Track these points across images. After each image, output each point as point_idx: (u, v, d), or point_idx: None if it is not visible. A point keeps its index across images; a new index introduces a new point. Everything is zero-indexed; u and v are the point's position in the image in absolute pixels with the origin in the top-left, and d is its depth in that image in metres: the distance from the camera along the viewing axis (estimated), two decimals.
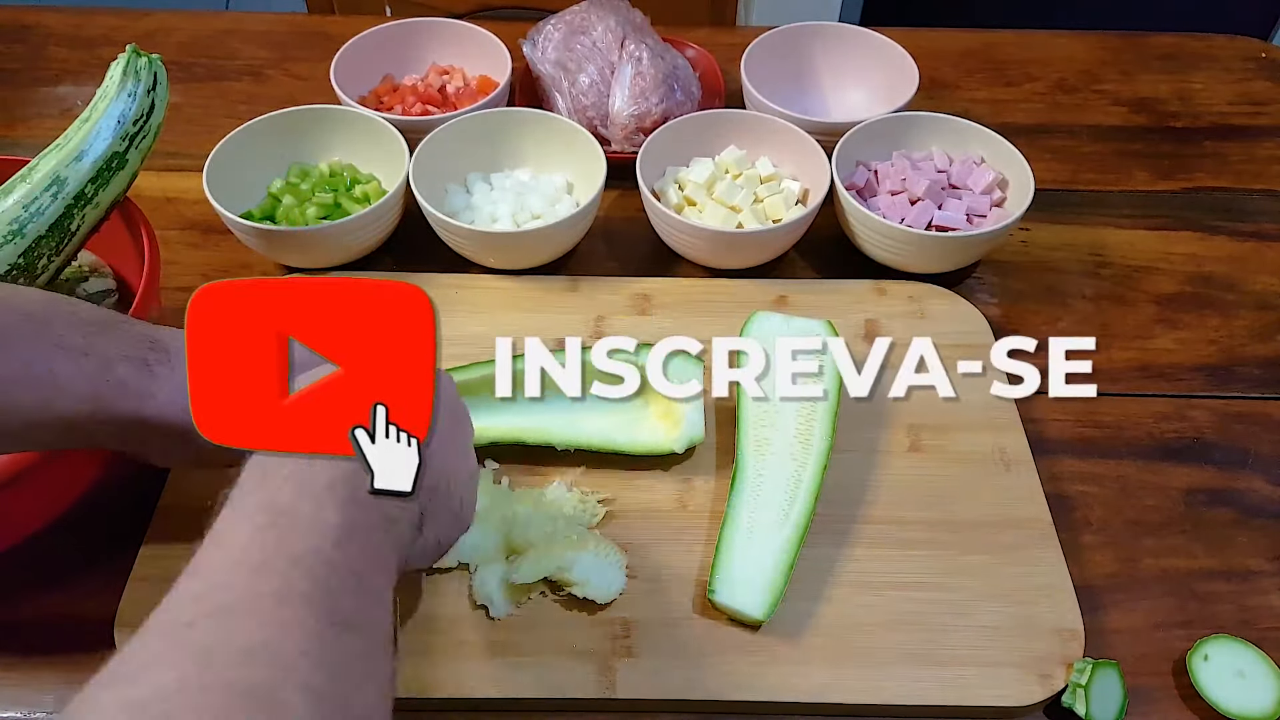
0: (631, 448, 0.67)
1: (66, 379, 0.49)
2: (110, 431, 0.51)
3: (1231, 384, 0.77)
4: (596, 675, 0.58)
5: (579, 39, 0.92)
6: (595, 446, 0.67)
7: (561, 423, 0.67)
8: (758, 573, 0.61)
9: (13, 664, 0.60)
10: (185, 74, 1.02)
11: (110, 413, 0.50)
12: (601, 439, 0.67)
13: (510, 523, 0.63)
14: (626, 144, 0.89)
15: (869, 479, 0.68)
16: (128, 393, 0.50)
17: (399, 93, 0.94)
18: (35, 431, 0.50)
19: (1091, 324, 0.81)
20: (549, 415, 0.67)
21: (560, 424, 0.67)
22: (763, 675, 0.59)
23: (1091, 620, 0.61)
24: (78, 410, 0.49)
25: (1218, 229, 0.89)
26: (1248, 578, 0.65)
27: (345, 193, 0.82)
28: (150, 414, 0.50)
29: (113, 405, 0.50)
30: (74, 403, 0.49)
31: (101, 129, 0.66)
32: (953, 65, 1.05)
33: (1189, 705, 0.59)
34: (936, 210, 0.81)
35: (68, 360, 0.49)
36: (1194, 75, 1.05)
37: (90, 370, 0.49)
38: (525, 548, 0.62)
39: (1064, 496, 0.69)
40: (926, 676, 0.59)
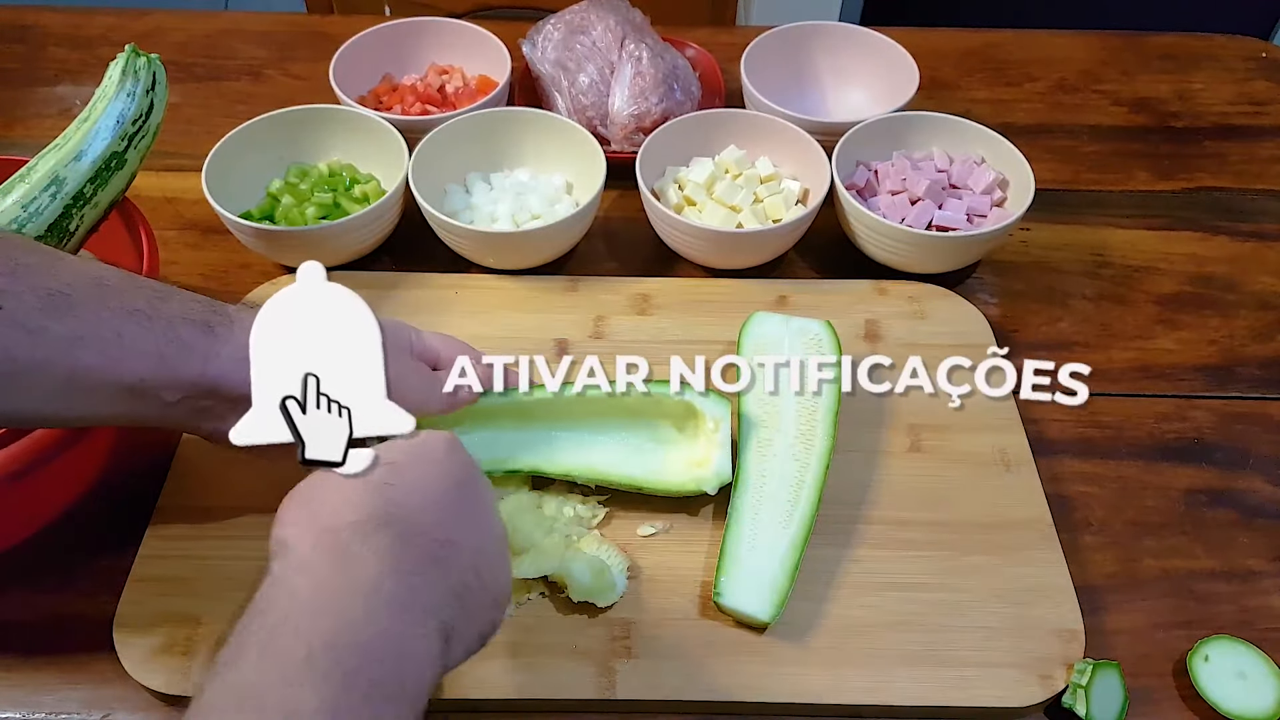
0: (652, 486, 0.64)
1: (132, 340, 0.50)
2: (174, 398, 0.52)
3: (1232, 384, 0.77)
4: (596, 676, 0.58)
5: (579, 39, 0.92)
6: (613, 481, 0.64)
7: (583, 456, 0.65)
8: (763, 575, 0.60)
9: (13, 664, 0.60)
10: (184, 74, 1.02)
11: (174, 374, 0.51)
12: (621, 475, 0.64)
13: (509, 522, 0.63)
14: (626, 144, 0.89)
15: (870, 479, 0.68)
16: (191, 354, 0.51)
17: (398, 92, 0.94)
18: (102, 395, 0.50)
19: (1092, 324, 0.81)
20: (572, 446, 0.65)
21: (581, 457, 0.65)
22: (763, 676, 0.59)
23: (1092, 621, 0.61)
24: (143, 372, 0.50)
25: (1218, 229, 0.89)
26: (1248, 578, 0.65)
27: (344, 193, 0.82)
28: (213, 374, 0.52)
29: (176, 367, 0.51)
30: (139, 363, 0.50)
31: (100, 129, 0.66)
32: (953, 65, 1.05)
33: (1189, 706, 0.59)
34: (937, 210, 0.81)
35: (134, 323, 0.50)
36: (1194, 75, 1.05)
37: (156, 332, 0.51)
38: (526, 547, 0.62)
39: (1064, 497, 0.69)
40: (927, 677, 0.59)
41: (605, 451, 0.65)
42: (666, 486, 0.64)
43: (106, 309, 0.50)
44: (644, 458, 0.65)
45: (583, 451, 0.65)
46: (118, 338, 0.50)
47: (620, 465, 0.64)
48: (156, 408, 0.52)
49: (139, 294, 0.52)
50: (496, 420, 0.65)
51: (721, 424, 0.64)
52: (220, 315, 0.53)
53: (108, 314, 0.50)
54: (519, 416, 0.65)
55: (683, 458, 0.66)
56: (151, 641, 0.59)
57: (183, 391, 0.52)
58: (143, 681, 0.58)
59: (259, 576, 0.43)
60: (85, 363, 0.49)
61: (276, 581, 0.42)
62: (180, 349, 0.51)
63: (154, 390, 0.51)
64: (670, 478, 0.64)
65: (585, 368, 0.59)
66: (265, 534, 0.63)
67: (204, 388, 0.52)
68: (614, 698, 0.58)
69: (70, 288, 0.50)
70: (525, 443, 0.65)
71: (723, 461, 0.63)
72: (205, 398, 0.53)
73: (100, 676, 0.59)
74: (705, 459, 0.64)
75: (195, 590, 0.61)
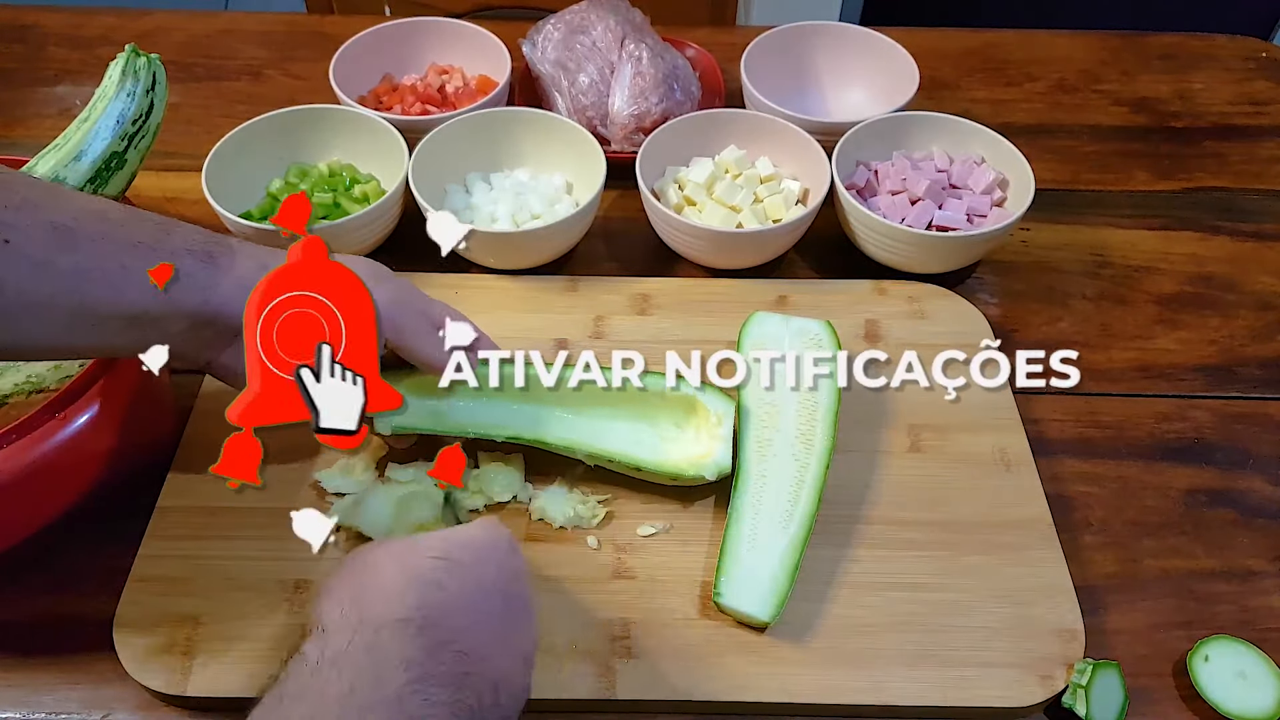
0: (654, 467, 0.64)
1: (136, 273, 0.51)
2: (178, 327, 0.53)
3: (1232, 384, 0.77)
4: (596, 676, 0.58)
5: (578, 39, 0.92)
6: (615, 459, 0.64)
7: (586, 432, 0.65)
8: (763, 575, 0.60)
9: (12, 664, 0.60)
10: (184, 74, 1.02)
11: (178, 304, 0.52)
12: (623, 454, 0.64)
13: (405, 502, 0.63)
14: (626, 144, 0.89)
15: (870, 479, 0.68)
16: (194, 284, 0.52)
17: (398, 92, 0.94)
18: (109, 327, 0.51)
19: (1092, 324, 0.81)
20: (575, 423, 0.65)
21: (585, 433, 0.64)
22: (763, 676, 0.59)
23: (1092, 621, 0.61)
24: (147, 303, 0.51)
25: (1218, 229, 0.89)
26: (1248, 578, 0.65)
27: (344, 193, 0.82)
28: (216, 304, 0.53)
29: (180, 296, 0.52)
30: (142, 294, 0.51)
31: (100, 129, 0.66)
32: (953, 65, 1.05)
33: (1189, 706, 0.59)
34: (937, 210, 0.81)
35: (138, 255, 0.51)
36: (1194, 75, 1.05)
37: (159, 263, 0.51)
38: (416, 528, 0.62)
39: (1065, 497, 0.69)
40: (927, 677, 0.58)
41: (607, 434, 0.65)
42: (666, 469, 0.63)
43: (111, 242, 0.51)
44: (644, 442, 0.65)
45: (584, 430, 0.65)
46: (122, 270, 0.51)
47: (621, 446, 0.64)
48: (159, 337, 0.52)
49: (142, 227, 0.53)
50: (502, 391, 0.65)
51: (725, 419, 0.65)
52: (222, 246, 0.55)
53: (112, 247, 0.51)
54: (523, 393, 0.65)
55: (683, 450, 0.65)
56: (151, 641, 0.59)
57: (186, 321, 0.53)
58: (142, 681, 0.58)
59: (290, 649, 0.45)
60: (92, 295, 0.50)
61: (310, 668, 0.43)
62: (182, 279, 0.52)
63: (158, 320, 0.52)
64: (668, 464, 0.64)
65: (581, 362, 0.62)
66: (265, 534, 0.63)
67: (205, 317, 0.53)
68: (614, 698, 0.58)
69: (75, 221, 0.50)
70: (528, 415, 0.65)
71: (724, 453, 0.64)
72: (206, 327, 0.54)
73: (100, 676, 0.59)
74: (707, 451, 0.64)
75: (195, 590, 0.61)
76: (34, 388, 0.65)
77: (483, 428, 0.63)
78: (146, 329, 0.52)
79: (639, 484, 0.67)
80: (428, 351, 0.59)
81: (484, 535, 0.50)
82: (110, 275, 0.50)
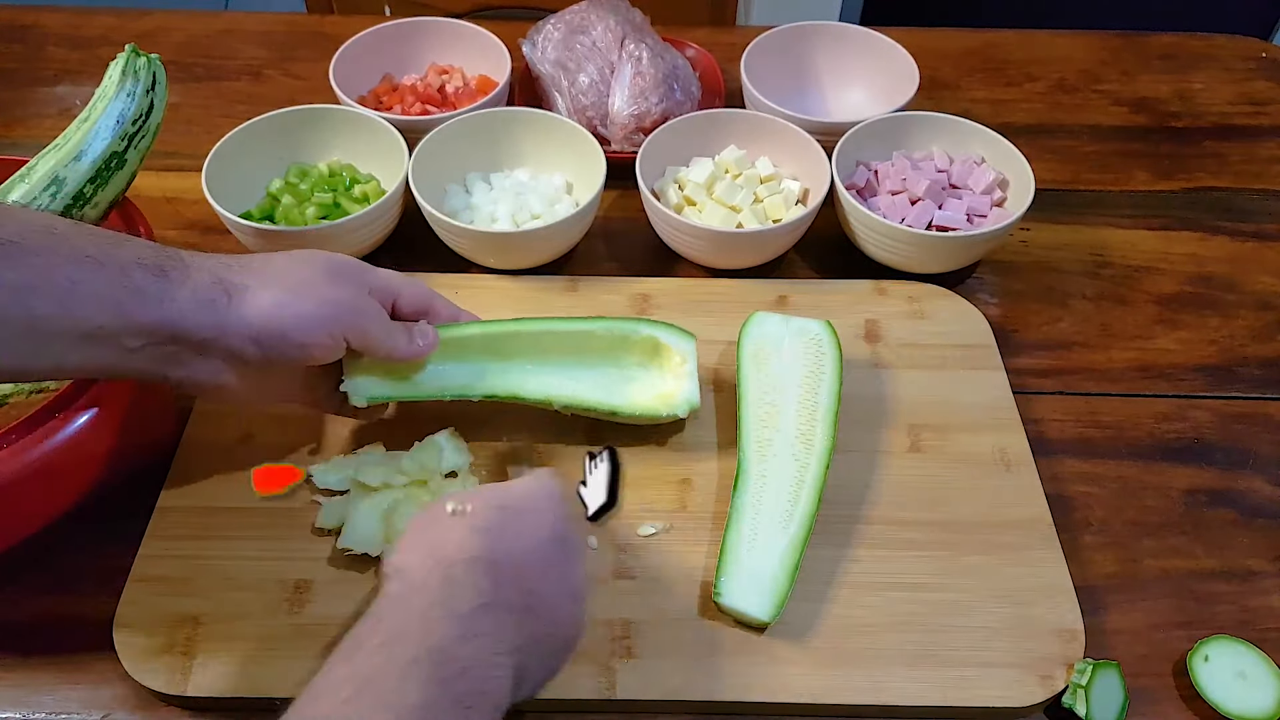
0: (628, 410, 0.66)
1: (85, 287, 0.50)
2: (135, 344, 0.52)
3: (1232, 384, 0.77)
4: (596, 676, 0.58)
5: (578, 39, 0.92)
6: (590, 406, 0.66)
7: (558, 382, 0.66)
8: (763, 575, 0.60)
9: (12, 664, 0.60)
10: (184, 74, 1.02)
11: (131, 319, 0.51)
12: (597, 400, 0.66)
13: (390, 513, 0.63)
14: (626, 144, 0.89)
15: (870, 479, 0.68)
16: (146, 298, 0.51)
17: (398, 92, 0.94)
18: (62, 344, 0.51)
19: (1092, 324, 0.81)
20: (547, 375, 0.67)
21: (557, 384, 0.66)
22: (763, 676, 0.59)
23: (1092, 621, 0.61)
24: (100, 319, 0.51)
25: (1218, 229, 0.89)
26: (1248, 578, 0.65)
27: (344, 193, 0.82)
28: (171, 318, 0.52)
29: (132, 311, 0.51)
30: (94, 309, 0.50)
31: (100, 129, 0.66)
32: (953, 65, 1.05)
33: (1190, 706, 0.59)
34: (937, 210, 0.81)
35: (86, 270, 0.50)
36: (1194, 75, 1.05)
37: (108, 277, 0.51)
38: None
39: (1065, 497, 0.69)
40: (927, 677, 0.58)
41: (578, 382, 0.67)
42: (638, 411, 0.66)
43: (57, 256, 0.50)
44: (615, 388, 0.68)
45: (556, 380, 0.67)
46: (71, 284, 0.50)
47: (594, 393, 0.66)
48: (119, 355, 0.52)
49: (89, 241, 0.52)
50: (468, 352, 0.66)
51: (688, 356, 0.68)
52: (173, 260, 0.54)
53: (59, 261, 0.50)
54: (490, 350, 0.66)
55: (651, 390, 0.68)
56: (151, 641, 0.59)
57: (143, 338, 0.52)
58: (142, 681, 0.58)
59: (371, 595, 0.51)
60: (40, 311, 0.49)
61: (393, 598, 0.47)
62: (134, 294, 0.51)
63: (113, 337, 0.51)
64: (641, 405, 0.67)
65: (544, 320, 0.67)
66: (265, 534, 0.64)
67: (164, 333, 0.52)
68: (614, 698, 0.58)
69: (20, 236, 0.49)
70: (499, 371, 0.66)
71: (691, 389, 0.67)
72: (168, 343, 0.53)
73: (100, 676, 0.59)
74: (674, 390, 0.67)
75: (195, 590, 0.61)
76: (34, 388, 0.65)
77: (458, 389, 0.65)
78: (102, 346, 0.51)
79: (639, 484, 0.67)
80: (390, 347, 0.60)
81: (538, 486, 0.54)
82: (57, 290, 0.49)
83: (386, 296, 0.62)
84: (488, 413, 0.68)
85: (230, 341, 0.54)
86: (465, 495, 0.52)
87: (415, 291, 0.63)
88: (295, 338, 0.55)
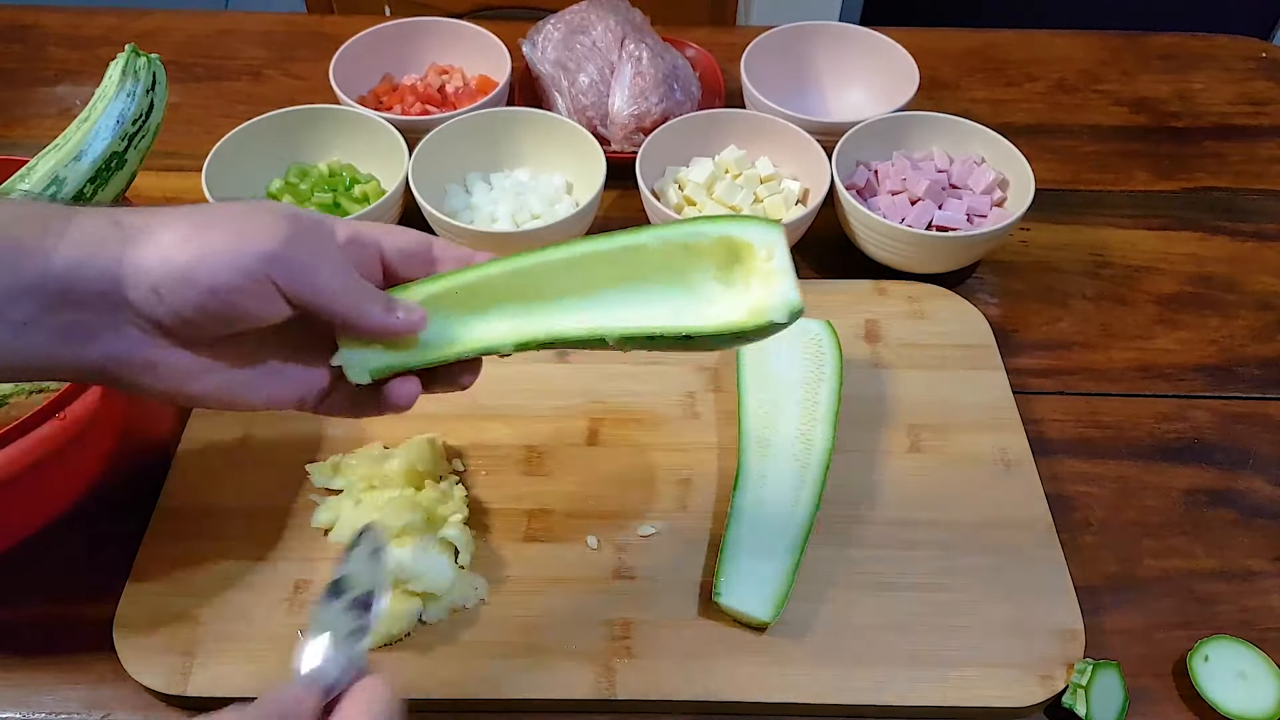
0: (709, 328, 0.48)
1: None
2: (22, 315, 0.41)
3: (1232, 384, 0.77)
4: (596, 676, 0.58)
5: (578, 39, 0.92)
6: (657, 333, 0.48)
7: (613, 312, 0.49)
8: (763, 575, 0.60)
9: (12, 664, 0.60)
10: (184, 74, 1.02)
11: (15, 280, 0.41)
12: (665, 323, 0.48)
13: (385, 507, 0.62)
14: (626, 144, 0.89)
15: (870, 480, 0.68)
16: (23, 253, 0.41)
17: (398, 92, 0.94)
18: None
19: (1092, 324, 0.81)
20: (594, 310, 0.50)
21: (611, 314, 0.49)
22: (763, 676, 0.59)
23: (1092, 621, 0.61)
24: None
25: (1218, 229, 0.89)
26: (1248, 578, 0.65)
27: (344, 193, 0.82)
28: (59, 269, 0.41)
29: (7, 272, 0.41)
30: None
31: (100, 129, 0.66)
32: (953, 65, 1.05)
33: (1189, 706, 0.59)
34: (937, 210, 0.81)
35: None
36: (1194, 75, 1.05)
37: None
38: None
39: (1065, 497, 0.69)
40: (927, 677, 0.58)
41: (638, 308, 0.49)
42: (725, 328, 0.48)
43: None
44: (687, 309, 0.49)
45: (608, 311, 0.49)
46: None
47: (661, 319, 0.49)
48: (9, 333, 0.41)
49: None
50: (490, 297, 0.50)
51: (777, 248, 0.48)
52: (58, 211, 0.43)
53: None
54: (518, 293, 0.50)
55: (737, 304, 0.49)
56: (151, 641, 0.59)
57: (28, 303, 0.41)
58: (142, 681, 0.58)
59: None
60: None
61: None
62: (10, 248, 0.41)
63: (11, 314, 0.41)
64: (726, 320, 0.48)
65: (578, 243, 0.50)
66: (265, 534, 0.63)
67: (51, 292, 0.41)
68: (614, 698, 0.58)
69: None
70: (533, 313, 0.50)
71: (788, 288, 0.47)
72: (61, 308, 0.42)
73: (100, 676, 0.59)
74: (763, 296, 0.48)
75: (195, 590, 0.61)
76: (34, 388, 0.65)
77: (482, 343, 0.49)
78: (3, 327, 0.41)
79: (638, 484, 0.67)
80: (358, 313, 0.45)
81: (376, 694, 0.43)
82: None
83: (362, 248, 0.48)
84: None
85: (130, 295, 0.42)
86: None
87: (406, 237, 0.50)
88: (203, 279, 0.41)
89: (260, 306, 0.43)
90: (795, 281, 0.48)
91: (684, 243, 0.49)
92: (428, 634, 0.60)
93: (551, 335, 0.49)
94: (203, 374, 0.45)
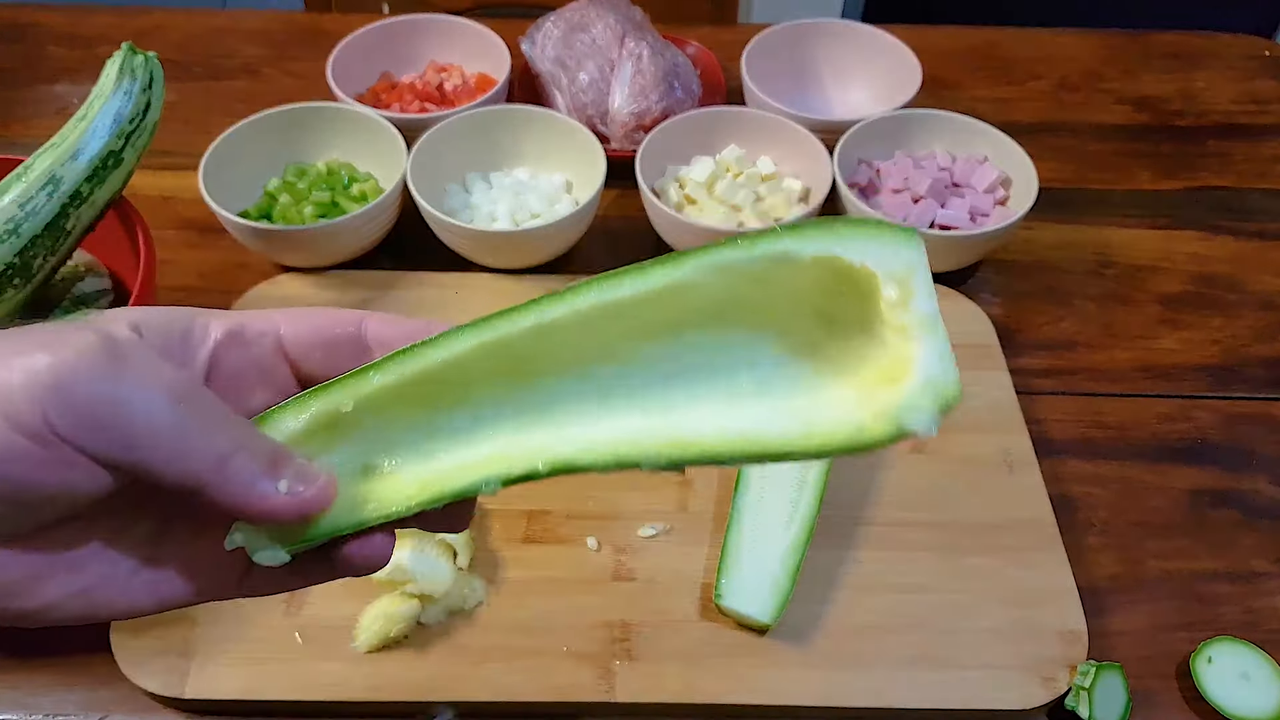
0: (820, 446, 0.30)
1: None
2: None
3: (1235, 384, 0.76)
4: (596, 678, 0.58)
5: (578, 36, 0.92)
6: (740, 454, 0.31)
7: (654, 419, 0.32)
8: (764, 577, 0.60)
9: (10, 665, 0.60)
10: (182, 72, 1.01)
11: None
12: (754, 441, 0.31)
13: None
14: (626, 142, 0.88)
15: (871, 481, 0.67)
16: None
17: (397, 90, 0.93)
18: None
19: (1095, 324, 0.80)
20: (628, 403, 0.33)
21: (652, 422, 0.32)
22: (763, 678, 0.58)
23: (1095, 622, 0.61)
24: None
25: (1221, 228, 0.89)
26: (1252, 579, 0.65)
27: (342, 191, 0.82)
28: None
29: None
30: None
31: (97, 127, 0.65)
32: (956, 63, 1.05)
33: (1193, 708, 0.59)
34: (939, 209, 0.81)
35: None
36: (1198, 74, 1.05)
37: None
38: None
39: (1068, 498, 0.69)
40: (929, 679, 0.58)
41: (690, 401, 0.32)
42: (836, 442, 0.30)
43: None
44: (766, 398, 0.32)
45: (645, 406, 0.32)
46: None
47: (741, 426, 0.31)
48: None
49: None
50: (464, 395, 0.33)
51: (915, 283, 0.32)
52: None
53: None
54: (506, 382, 0.33)
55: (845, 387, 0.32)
56: (148, 643, 0.58)
57: None
58: (139, 683, 0.57)
59: None
60: None
61: None
62: None
63: None
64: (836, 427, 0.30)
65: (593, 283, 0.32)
66: None
67: None
68: (613, 700, 0.57)
69: None
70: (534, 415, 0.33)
71: (936, 360, 0.31)
72: None
73: (97, 678, 0.59)
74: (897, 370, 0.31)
75: None
76: None
77: (453, 483, 0.32)
78: None
79: (638, 485, 0.66)
80: (220, 480, 0.29)
81: None
82: None
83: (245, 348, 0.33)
84: None
85: None
86: None
87: (318, 318, 0.34)
88: None
89: (48, 475, 0.28)
90: (947, 345, 0.31)
91: (755, 272, 0.31)
92: (427, 635, 0.59)
93: (559, 463, 0.31)
94: (36, 582, 0.30)
